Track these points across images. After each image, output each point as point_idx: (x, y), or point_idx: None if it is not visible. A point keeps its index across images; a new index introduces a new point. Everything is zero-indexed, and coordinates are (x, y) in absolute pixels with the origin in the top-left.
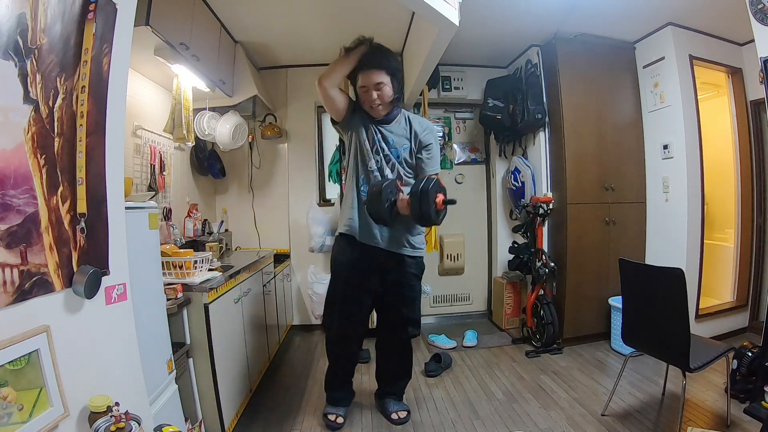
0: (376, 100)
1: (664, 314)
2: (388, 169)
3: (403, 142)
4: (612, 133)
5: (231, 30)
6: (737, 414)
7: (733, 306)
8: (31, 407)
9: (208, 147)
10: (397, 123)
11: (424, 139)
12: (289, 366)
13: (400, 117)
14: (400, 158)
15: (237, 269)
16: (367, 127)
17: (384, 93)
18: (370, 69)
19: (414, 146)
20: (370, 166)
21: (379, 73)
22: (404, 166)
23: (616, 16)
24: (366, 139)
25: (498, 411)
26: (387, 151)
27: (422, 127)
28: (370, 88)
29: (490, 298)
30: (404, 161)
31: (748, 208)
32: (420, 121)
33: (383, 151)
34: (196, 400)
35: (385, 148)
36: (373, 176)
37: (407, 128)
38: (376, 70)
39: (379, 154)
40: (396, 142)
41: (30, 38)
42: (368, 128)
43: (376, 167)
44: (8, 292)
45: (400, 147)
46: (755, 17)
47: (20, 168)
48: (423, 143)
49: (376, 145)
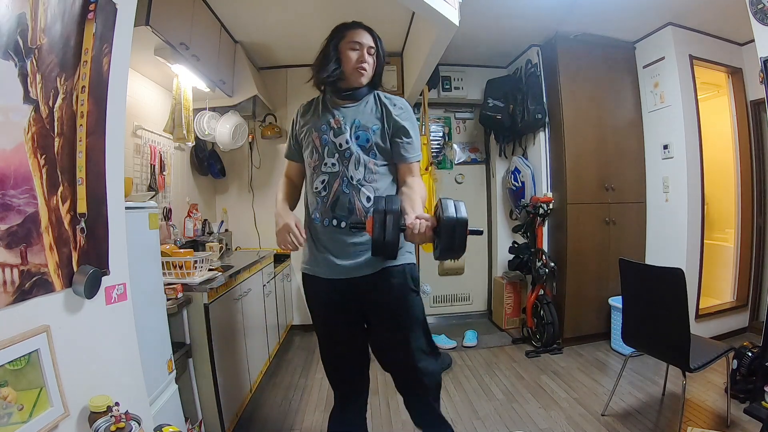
0: (366, 63)
1: (664, 314)
2: (351, 167)
3: (374, 121)
4: (612, 133)
5: (231, 30)
6: (737, 414)
7: (733, 306)
8: (31, 407)
9: (208, 147)
10: (365, 103)
11: (400, 118)
12: (289, 366)
13: (369, 97)
14: (369, 143)
15: (237, 269)
16: (317, 125)
17: (372, 61)
18: (361, 29)
19: (387, 127)
20: (323, 178)
21: (371, 39)
22: (375, 155)
23: (616, 16)
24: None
25: (498, 411)
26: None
27: (395, 104)
28: (363, 47)
29: (490, 298)
30: (375, 146)
31: (748, 208)
32: (393, 99)
33: (339, 147)
34: (196, 400)
35: (346, 135)
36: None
37: (377, 107)
38: (368, 34)
39: (334, 155)
40: (364, 123)
41: (30, 38)
42: (319, 123)
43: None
44: (8, 292)
45: (370, 128)
46: (755, 17)
47: (20, 168)
48: (398, 123)
49: (329, 144)
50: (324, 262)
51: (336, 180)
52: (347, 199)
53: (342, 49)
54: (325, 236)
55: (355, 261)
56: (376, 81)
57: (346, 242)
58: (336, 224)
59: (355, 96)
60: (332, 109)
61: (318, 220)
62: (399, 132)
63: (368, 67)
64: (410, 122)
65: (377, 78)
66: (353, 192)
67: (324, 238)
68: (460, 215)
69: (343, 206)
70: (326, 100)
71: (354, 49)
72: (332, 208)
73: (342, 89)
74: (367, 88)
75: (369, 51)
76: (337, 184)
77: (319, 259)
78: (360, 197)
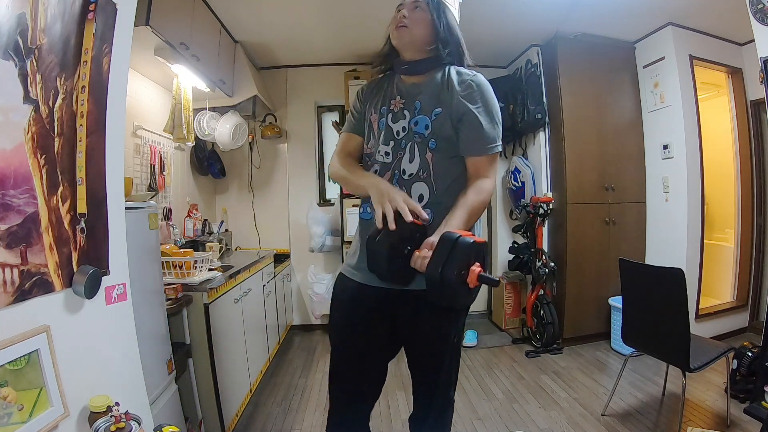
0: (405, 18)
1: (664, 314)
2: (405, 159)
3: (435, 104)
4: (612, 133)
5: (231, 30)
6: (737, 414)
7: (733, 306)
8: (31, 407)
9: (208, 147)
10: (432, 80)
11: (466, 99)
12: (289, 366)
13: (437, 72)
14: (428, 130)
15: (237, 269)
16: (378, 105)
17: (417, 16)
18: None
19: (452, 111)
20: (375, 168)
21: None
22: (435, 145)
23: (616, 16)
24: (373, 126)
25: (498, 411)
26: (405, 125)
27: (464, 81)
28: (405, 4)
29: (490, 298)
30: (435, 135)
31: (748, 208)
32: (463, 75)
33: (396, 135)
34: (196, 400)
35: (405, 120)
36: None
37: (444, 84)
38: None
39: (390, 143)
40: (425, 106)
41: (30, 38)
42: (380, 104)
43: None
44: (8, 292)
45: (432, 111)
46: (755, 17)
47: (20, 168)
48: (463, 106)
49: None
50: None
51: (387, 173)
52: None
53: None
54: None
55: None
56: (453, 50)
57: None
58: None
59: (417, 69)
60: (398, 88)
61: (369, 215)
62: (465, 118)
63: (409, 23)
64: (482, 105)
65: (449, 46)
66: (404, 188)
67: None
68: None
69: None
70: (394, 78)
71: (398, 11)
72: None
73: (400, 62)
74: (433, 59)
75: (414, 5)
76: (387, 177)
77: (359, 260)
78: (412, 195)
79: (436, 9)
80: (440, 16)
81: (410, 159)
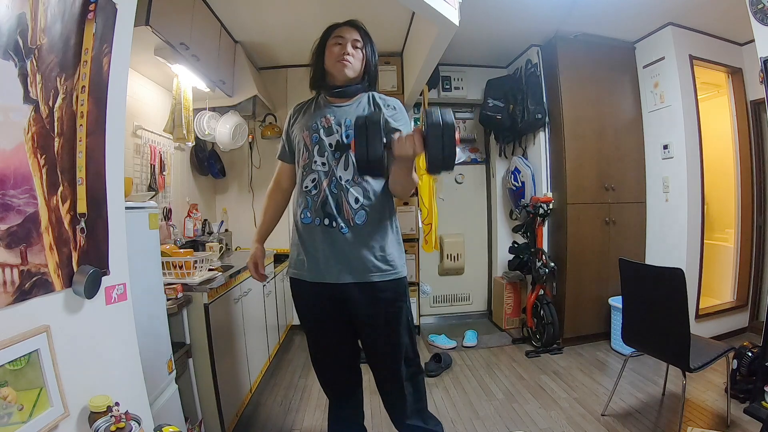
0: (349, 53)
1: (664, 314)
2: (340, 167)
3: None
4: (612, 133)
5: (231, 30)
6: (737, 414)
7: (733, 306)
8: (31, 407)
9: (208, 147)
10: (358, 102)
11: (393, 119)
12: (289, 366)
13: (362, 96)
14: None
15: (237, 269)
16: (308, 123)
17: (358, 54)
18: (348, 26)
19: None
20: (313, 177)
21: (357, 33)
22: None
23: (617, 16)
24: (306, 142)
25: (498, 411)
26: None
27: (388, 105)
28: (347, 41)
29: (490, 298)
30: None
31: (748, 208)
32: (387, 100)
33: (330, 147)
34: (196, 400)
35: (337, 134)
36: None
37: (369, 107)
38: (354, 29)
39: (324, 154)
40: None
41: (30, 38)
42: (310, 122)
43: (323, 171)
44: (8, 292)
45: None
46: (755, 17)
47: (20, 168)
48: (390, 125)
49: (320, 142)
50: (313, 264)
51: (325, 179)
52: (335, 200)
53: (328, 46)
54: (315, 236)
55: (345, 266)
56: (371, 81)
57: (336, 243)
58: (327, 224)
59: (347, 93)
60: (325, 108)
61: (308, 219)
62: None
63: (352, 60)
64: (403, 123)
65: (371, 78)
66: (341, 193)
67: (314, 238)
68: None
69: (331, 206)
70: (320, 100)
71: (337, 43)
72: (322, 207)
73: (332, 86)
74: (360, 87)
75: (354, 44)
76: (325, 183)
77: (307, 261)
78: (348, 198)
79: (372, 48)
80: (372, 55)
81: (345, 167)
